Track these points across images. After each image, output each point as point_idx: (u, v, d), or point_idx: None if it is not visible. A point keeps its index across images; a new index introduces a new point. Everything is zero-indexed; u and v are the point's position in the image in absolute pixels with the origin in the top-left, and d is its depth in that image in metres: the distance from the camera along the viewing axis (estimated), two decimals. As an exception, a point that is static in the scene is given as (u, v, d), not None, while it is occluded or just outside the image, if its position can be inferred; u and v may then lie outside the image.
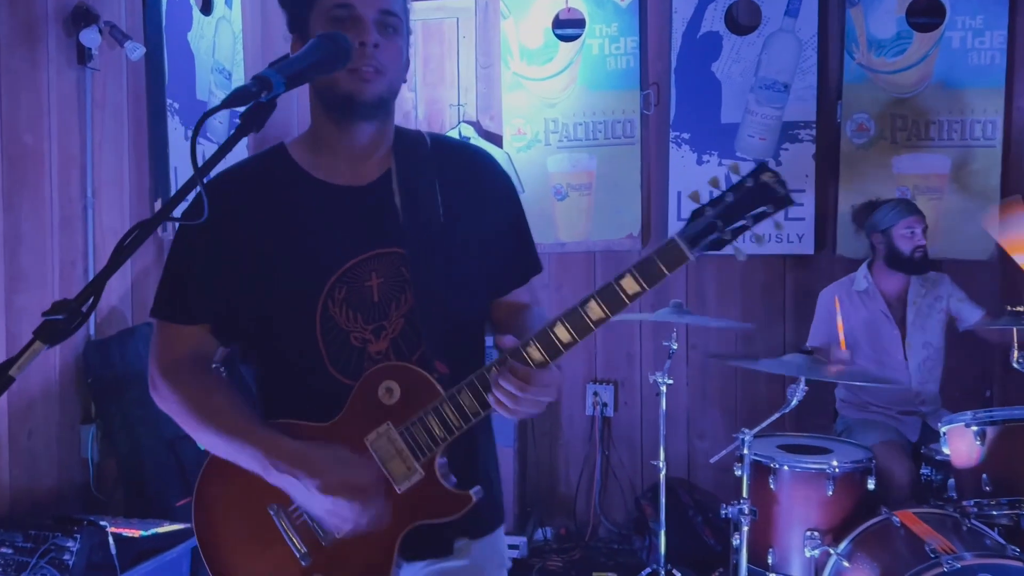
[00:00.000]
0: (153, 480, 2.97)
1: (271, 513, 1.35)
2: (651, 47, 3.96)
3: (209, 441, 1.36)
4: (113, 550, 2.39)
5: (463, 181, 1.45)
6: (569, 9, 4.01)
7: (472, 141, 4.04)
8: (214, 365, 1.45)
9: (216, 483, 1.39)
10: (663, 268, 1.23)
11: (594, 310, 1.24)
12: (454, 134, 4.09)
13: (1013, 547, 2.29)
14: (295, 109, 4.04)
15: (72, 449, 3.03)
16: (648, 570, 3.24)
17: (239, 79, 3.95)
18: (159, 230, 3.34)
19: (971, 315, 3.27)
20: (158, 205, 3.41)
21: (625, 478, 4.07)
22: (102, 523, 2.42)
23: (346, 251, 1.35)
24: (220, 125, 3.80)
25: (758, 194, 1.19)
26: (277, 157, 1.43)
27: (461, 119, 4.15)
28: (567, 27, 4.02)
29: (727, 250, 1.25)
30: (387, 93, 1.37)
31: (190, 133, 3.57)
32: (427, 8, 4.17)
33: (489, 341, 1.49)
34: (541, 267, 1.58)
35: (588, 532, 4.04)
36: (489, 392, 1.26)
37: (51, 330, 1.00)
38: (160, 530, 2.64)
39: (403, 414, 1.30)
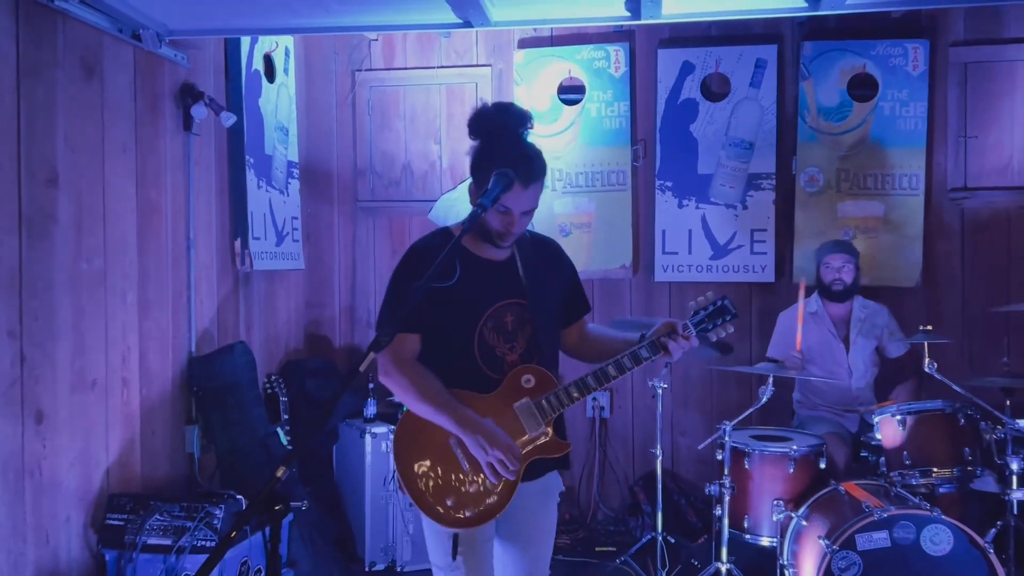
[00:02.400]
0: (250, 470, 3.63)
1: (451, 444, 2.15)
2: (640, 110, 4.75)
3: (421, 409, 2.13)
4: (246, 518, 3.08)
5: (548, 259, 2.34)
6: (571, 77, 4.79)
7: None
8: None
9: (411, 429, 2.16)
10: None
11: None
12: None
13: (925, 503, 3.09)
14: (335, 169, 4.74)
15: (179, 446, 3.70)
16: (648, 537, 3.99)
17: (294, 134, 4.66)
18: (239, 264, 4.05)
19: (897, 350, 4.05)
20: (238, 244, 4.09)
21: (620, 470, 4.82)
22: (238, 496, 3.10)
23: (494, 298, 2.21)
24: (280, 175, 4.50)
25: (723, 310, 2.18)
26: (450, 240, 2.17)
27: (479, 168, 4.89)
28: (570, 92, 4.80)
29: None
30: (513, 241, 2.22)
31: (262, 183, 4.27)
32: (451, 74, 4.93)
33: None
34: (590, 307, 2.48)
35: (589, 516, 4.78)
36: (580, 391, 2.16)
37: (377, 344, 1.73)
38: (267, 507, 3.32)
39: (535, 394, 2.18)
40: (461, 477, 2.14)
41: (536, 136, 4.87)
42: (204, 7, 3.29)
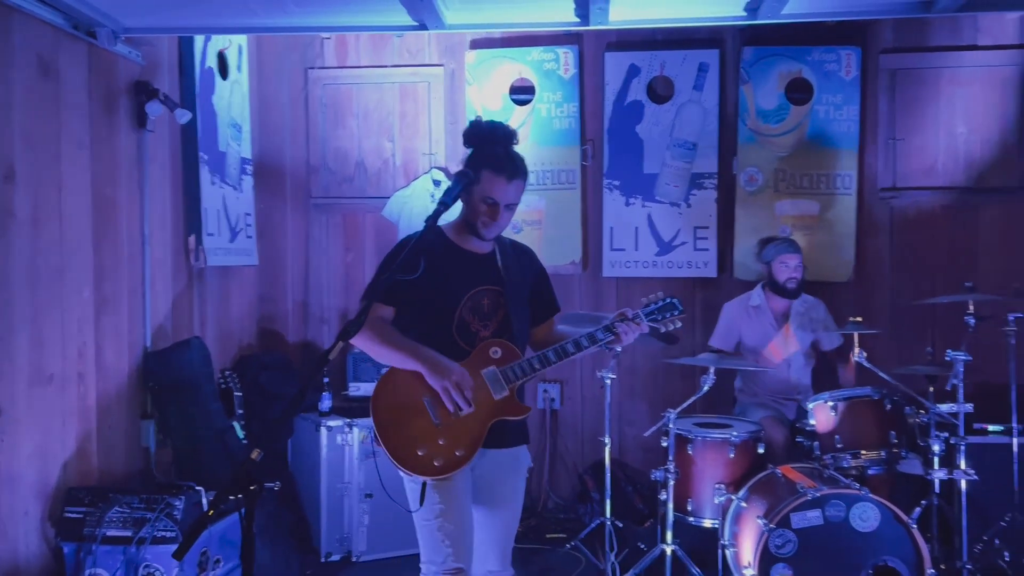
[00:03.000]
0: (208, 463, 3.68)
1: (425, 401, 2.37)
2: (588, 111, 4.91)
3: (383, 353, 2.38)
4: (206, 509, 3.14)
5: (524, 260, 2.64)
6: (522, 78, 4.92)
7: (442, 184, 4.90)
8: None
9: (388, 389, 2.40)
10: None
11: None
12: (427, 178, 4.94)
13: (854, 483, 3.30)
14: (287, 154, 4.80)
15: (135, 440, 3.72)
16: (597, 522, 4.15)
17: (248, 131, 4.69)
18: (193, 261, 4.09)
19: (831, 343, 4.28)
20: (192, 241, 4.12)
21: (570, 460, 4.97)
22: (197, 488, 3.16)
23: (474, 283, 2.49)
24: (234, 171, 4.54)
25: (671, 306, 2.52)
26: (439, 232, 2.52)
27: (432, 166, 4.99)
28: (520, 93, 4.93)
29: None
30: (496, 235, 2.53)
31: (215, 179, 4.30)
32: (404, 73, 5.01)
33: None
34: (560, 308, 2.74)
35: (540, 505, 4.92)
36: (541, 363, 2.42)
37: (346, 332, 1.83)
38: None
39: (501, 363, 2.45)
40: (431, 429, 2.35)
41: (488, 135, 5.02)
42: (160, 5, 3.33)
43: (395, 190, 4.97)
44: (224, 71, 4.45)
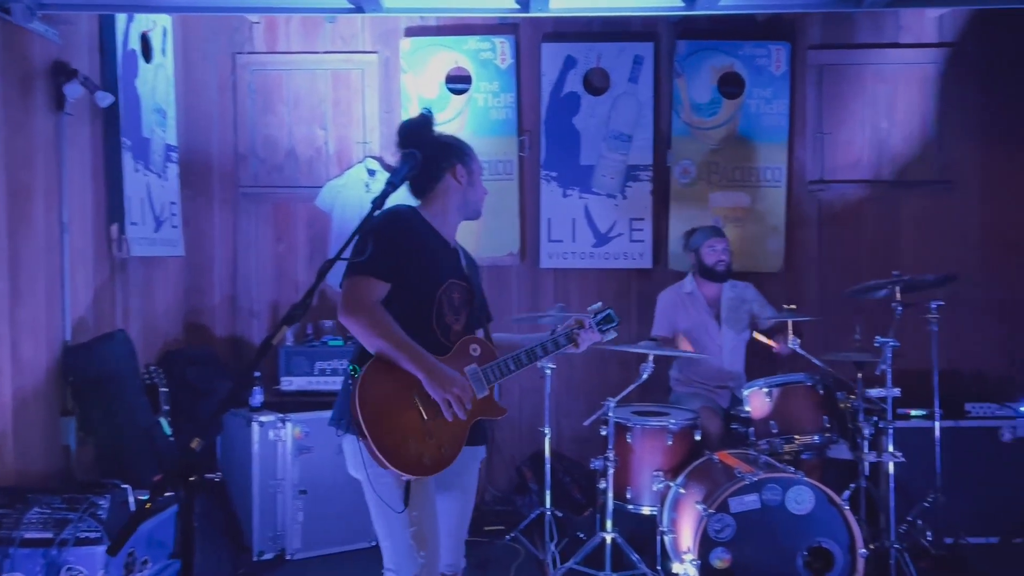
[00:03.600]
0: (134, 461, 3.53)
1: (414, 395, 2.28)
2: (525, 102, 4.89)
3: (382, 346, 2.26)
4: (132, 508, 3.00)
5: (472, 261, 2.64)
6: (458, 67, 4.87)
7: (378, 173, 4.81)
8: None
9: (378, 379, 2.26)
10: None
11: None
12: (361, 168, 4.84)
13: (790, 467, 3.38)
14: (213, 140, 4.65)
15: (54, 438, 3.54)
16: (536, 512, 4.14)
17: (173, 117, 4.51)
18: (116, 251, 3.92)
19: (765, 312, 4.39)
20: (115, 230, 3.94)
21: (507, 452, 4.95)
22: (123, 487, 3.01)
23: (448, 273, 2.48)
24: (159, 158, 4.36)
25: (610, 317, 2.61)
26: (420, 216, 2.48)
27: (367, 155, 4.90)
28: (457, 82, 4.88)
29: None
30: None
31: (139, 166, 4.13)
32: (336, 60, 4.90)
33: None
34: (492, 318, 2.70)
35: (478, 498, 4.86)
36: (516, 364, 2.45)
37: (290, 317, 1.75)
38: (153, 497, 3.24)
39: (481, 362, 2.44)
40: (422, 426, 2.28)
41: (423, 124, 4.96)
42: (80, -20, 3.17)
43: (328, 179, 4.86)
44: (148, 54, 4.27)
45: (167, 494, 3.02)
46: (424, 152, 2.38)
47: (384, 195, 2.20)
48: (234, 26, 4.88)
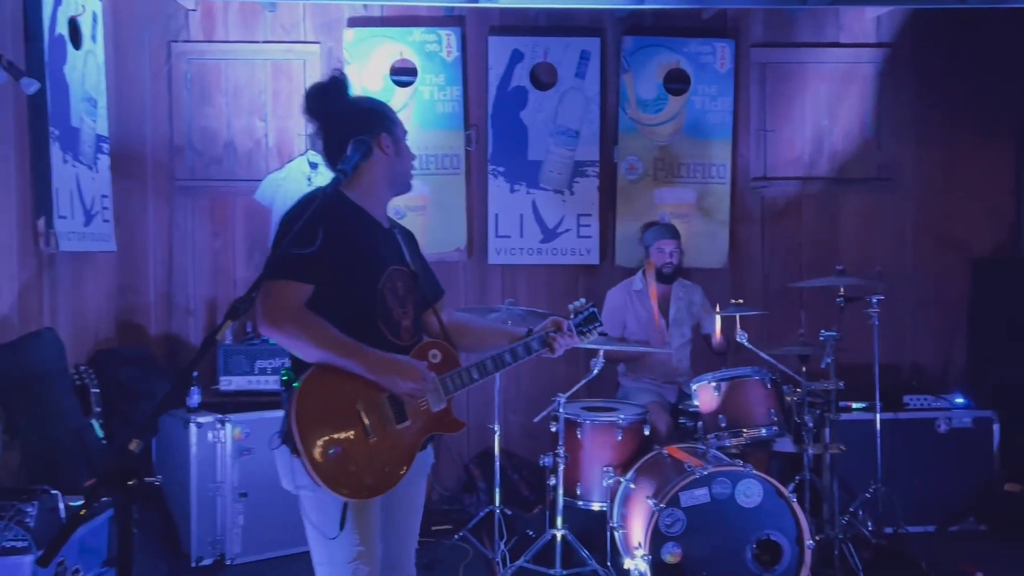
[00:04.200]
0: (63, 464, 3.35)
1: (360, 410, 2.05)
2: (472, 96, 4.83)
3: (324, 356, 2.01)
4: (62, 514, 2.85)
5: (410, 238, 2.37)
6: (403, 59, 4.78)
7: (320, 166, 4.69)
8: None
9: (316, 391, 2.03)
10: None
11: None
12: (303, 160, 4.71)
13: (738, 460, 3.39)
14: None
15: (-25, 443, 3.34)
16: (485, 511, 4.08)
17: (104, 106, 4.32)
18: (43, 245, 3.74)
19: (710, 326, 4.39)
20: (42, 223, 3.75)
21: (455, 450, 4.88)
22: (53, 492, 2.86)
23: (389, 260, 2.19)
24: (89, 149, 4.17)
25: (593, 317, 2.40)
26: (343, 197, 2.16)
27: (308, 147, 4.76)
28: (402, 74, 4.79)
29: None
30: None
31: (68, 157, 3.94)
32: (277, 50, 4.76)
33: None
34: (444, 291, 2.48)
35: (425, 498, 4.80)
36: (480, 373, 2.22)
37: (234, 311, 1.65)
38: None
39: (440, 370, 2.19)
40: (364, 443, 2.05)
41: (367, 117, 4.85)
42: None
43: (268, 172, 4.72)
44: (77, 40, 4.07)
45: (102, 499, 2.92)
46: (341, 121, 2.14)
47: (336, 183, 2.04)
48: (168, 13, 4.70)
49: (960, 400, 4.52)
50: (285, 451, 2.07)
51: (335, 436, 2.03)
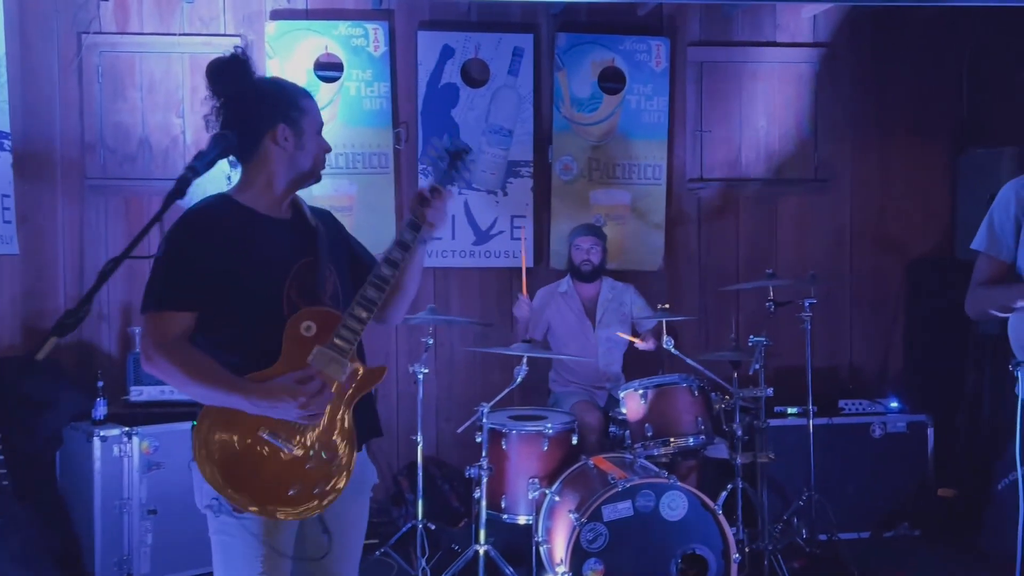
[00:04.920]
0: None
1: (264, 436, 1.87)
2: (401, 92, 4.65)
3: (200, 394, 1.86)
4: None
5: (328, 221, 2.17)
6: (328, 54, 4.59)
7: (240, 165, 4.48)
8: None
9: (217, 438, 1.87)
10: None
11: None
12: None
13: (664, 472, 3.28)
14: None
15: None
16: (408, 525, 3.92)
17: (5, 100, 4.06)
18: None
19: (648, 323, 4.30)
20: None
21: (383, 460, 4.70)
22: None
23: (295, 257, 1.99)
24: None
25: (460, 151, 2.15)
26: (229, 202, 2.01)
27: (229, 145, 4.55)
28: (327, 69, 4.60)
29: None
30: None
31: (-40, 153, 3.69)
32: (195, 43, 4.54)
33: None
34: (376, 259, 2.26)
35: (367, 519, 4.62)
36: (365, 307, 1.93)
37: (61, 327, 1.47)
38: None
39: (323, 337, 1.91)
40: (290, 461, 1.89)
41: (291, 114, 4.65)
42: None
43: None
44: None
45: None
46: (237, 107, 1.97)
47: (181, 183, 1.83)
48: (79, 3, 4.45)
49: (895, 404, 4.47)
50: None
51: (258, 473, 1.87)
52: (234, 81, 1.98)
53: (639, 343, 4.04)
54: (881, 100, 4.91)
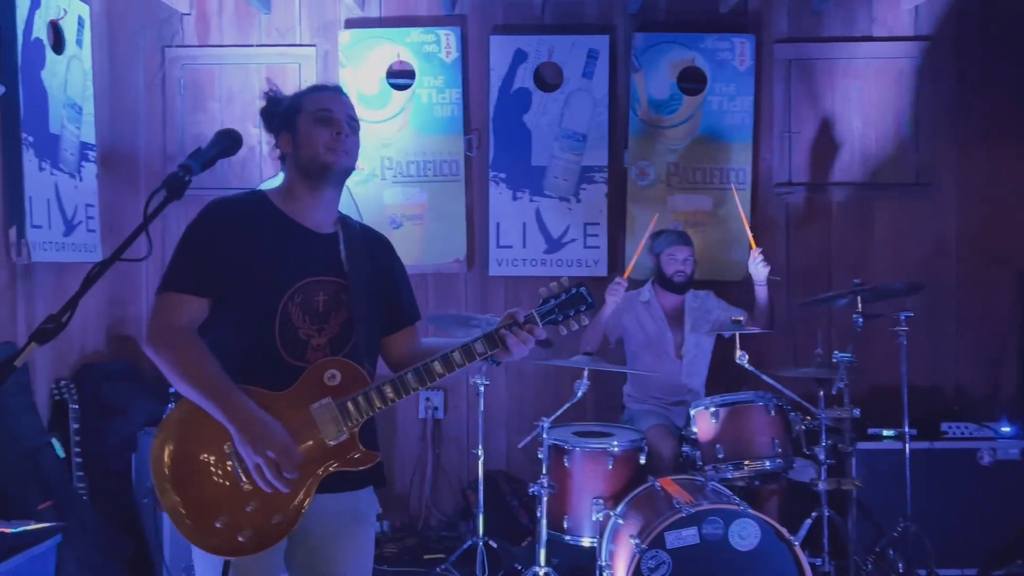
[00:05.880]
0: (13, 487, 3.20)
1: (226, 450, 1.78)
2: (473, 98, 4.57)
3: (186, 391, 1.79)
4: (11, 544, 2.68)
5: (377, 249, 2.09)
6: (400, 61, 4.56)
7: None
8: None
9: (179, 428, 1.81)
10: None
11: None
12: (297, 168, 4.53)
13: (735, 497, 3.04)
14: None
15: (-70, 462, 3.21)
16: (468, 543, 3.81)
17: (90, 112, 4.21)
18: (15, 255, 3.61)
19: (731, 313, 4.01)
20: (13, 233, 3.63)
21: (453, 473, 4.62)
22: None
23: (306, 271, 1.92)
24: (72, 157, 4.05)
25: (578, 299, 1.93)
26: (262, 200, 1.99)
27: (304, 155, 4.58)
28: (399, 77, 4.57)
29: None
30: (350, 169, 2.00)
31: (44, 164, 3.82)
32: (272, 54, 4.60)
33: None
34: (420, 316, 2.18)
35: (420, 523, 4.55)
36: (396, 391, 1.83)
37: (42, 333, 1.43)
38: (28, 528, 2.91)
39: (340, 393, 1.83)
40: (236, 491, 1.77)
41: (365, 121, 4.59)
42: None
43: (261, 181, 4.54)
44: (59, 45, 3.96)
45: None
46: (270, 132, 2.04)
47: (172, 182, 1.74)
48: (162, 18, 4.58)
49: (1007, 428, 4.05)
50: None
51: (199, 484, 1.77)
52: (275, 111, 2.04)
53: (745, 321, 3.68)
54: (989, 98, 4.49)
